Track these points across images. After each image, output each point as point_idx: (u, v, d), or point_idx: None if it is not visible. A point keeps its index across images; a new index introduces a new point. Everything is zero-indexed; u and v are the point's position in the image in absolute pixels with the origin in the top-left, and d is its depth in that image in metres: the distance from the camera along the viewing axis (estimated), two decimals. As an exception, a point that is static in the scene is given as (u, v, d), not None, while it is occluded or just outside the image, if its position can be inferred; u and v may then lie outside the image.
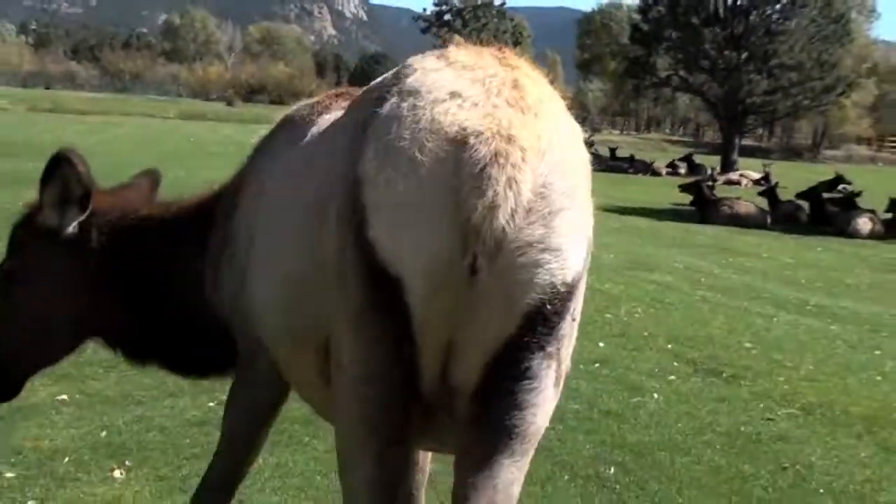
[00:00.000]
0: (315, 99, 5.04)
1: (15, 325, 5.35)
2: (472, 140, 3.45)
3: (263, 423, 5.21)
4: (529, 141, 3.52)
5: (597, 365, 12.83)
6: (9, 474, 7.70)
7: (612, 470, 8.92)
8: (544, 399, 3.85)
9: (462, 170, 3.43)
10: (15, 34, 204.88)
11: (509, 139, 3.48)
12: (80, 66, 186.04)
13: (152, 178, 5.80)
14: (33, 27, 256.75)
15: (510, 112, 3.57)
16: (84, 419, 9.01)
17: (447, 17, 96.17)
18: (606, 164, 62.89)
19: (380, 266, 3.55)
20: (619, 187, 48.32)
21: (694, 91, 79.39)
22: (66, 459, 8.21)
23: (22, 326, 5.36)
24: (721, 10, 72.29)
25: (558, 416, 7.41)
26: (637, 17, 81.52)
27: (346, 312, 3.78)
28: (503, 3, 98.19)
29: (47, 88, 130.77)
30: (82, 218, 5.21)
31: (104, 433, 8.81)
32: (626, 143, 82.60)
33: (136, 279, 5.45)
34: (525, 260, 3.56)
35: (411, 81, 3.72)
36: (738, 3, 72.18)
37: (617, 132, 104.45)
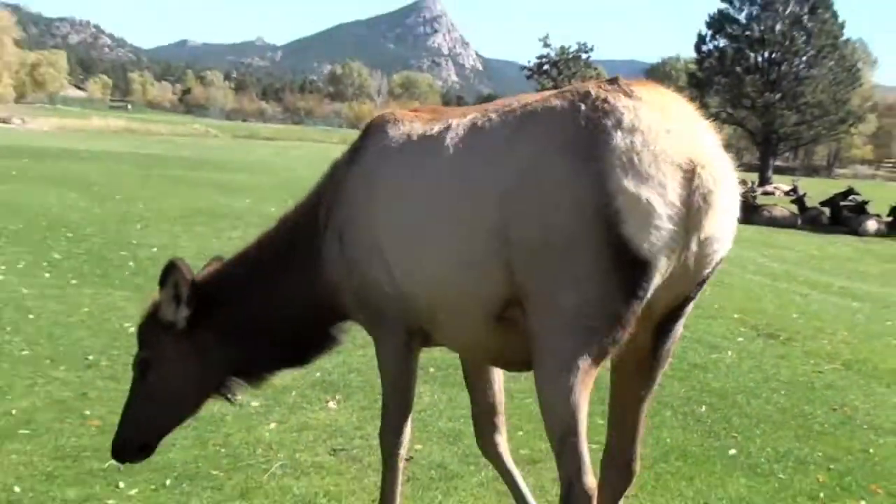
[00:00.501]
0: (414, 125, 4.76)
1: (153, 402, 5.13)
2: (698, 170, 3.74)
3: (408, 365, 4.88)
4: (727, 166, 3.94)
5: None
6: (254, 403, 7.90)
7: (703, 408, 9.00)
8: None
9: (695, 192, 3.73)
10: (221, 80, 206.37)
11: (719, 167, 3.85)
12: (267, 104, 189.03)
13: (220, 258, 5.52)
14: (234, 75, 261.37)
15: (709, 138, 3.97)
16: (304, 365, 8.58)
17: (545, 67, 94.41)
18: None
19: (627, 250, 3.72)
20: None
21: (737, 123, 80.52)
22: (294, 393, 8.43)
23: (159, 403, 5.14)
24: (760, 62, 76.62)
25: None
26: (694, 66, 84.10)
27: (582, 276, 3.82)
28: (588, 57, 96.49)
29: (244, 121, 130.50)
30: (189, 313, 5.01)
31: (318, 374, 8.94)
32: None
33: (245, 323, 5.20)
34: (713, 248, 3.95)
35: (632, 119, 3.82)
36: (773, 56, 75.91)
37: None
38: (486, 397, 5.39)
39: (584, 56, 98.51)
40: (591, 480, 3.98)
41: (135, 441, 5.14)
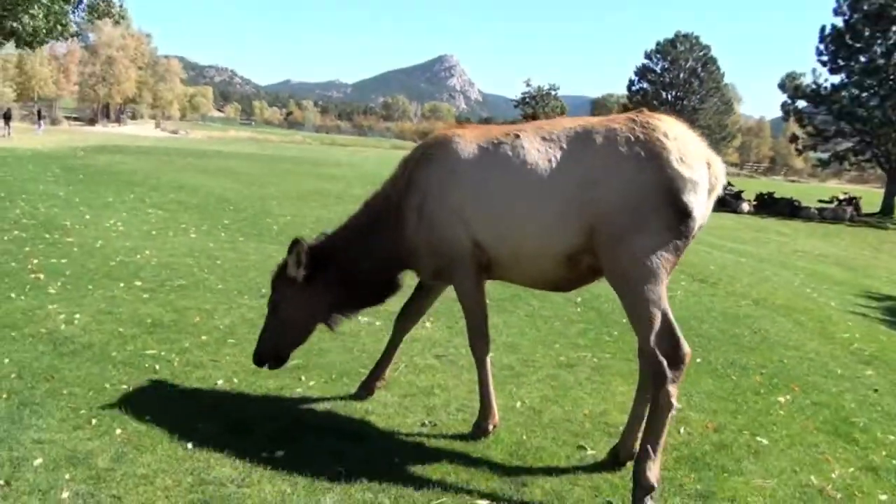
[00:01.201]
0: (475, 137, 4.95)
1: (280, 330, 5.29)
2: (715, 162, 4.47)
3: (481, 293, 5.06)
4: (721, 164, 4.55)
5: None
6: (377, 323, 7.10)
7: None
8: None
9: (711, 176, 4.42)
10: (312, 106, 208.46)
11: (718, 162, 4.50)
12: (342, 123, 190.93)
13: (325, 233, 5.54)
14: (320, 103, 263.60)
15: (707, 146, 4.56)
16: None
17: (527, 99, 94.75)
18: None
19: (685, 210, 4.26)
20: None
21: None
22: None
23: (284, 330, 5.29)
24: (669, 98, 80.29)
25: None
26: (625, 101, 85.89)
27: (655, 228, 4.26)
28: (556, 94, 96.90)
29: (327, 133, 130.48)
30: (306, 272, 5.18)
31: None
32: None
33: (345, 278, 5.27)
34: (710, 211, 4.54)
35: (670, 129, 4.41)
36: (678, 94, 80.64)
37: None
38: (425, 302, 5.73)
39: (553, 93, 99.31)
40: (686, 349, 4.39)
41: (268, 354, 5.32)
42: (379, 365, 5.76)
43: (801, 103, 51.55)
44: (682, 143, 4.37)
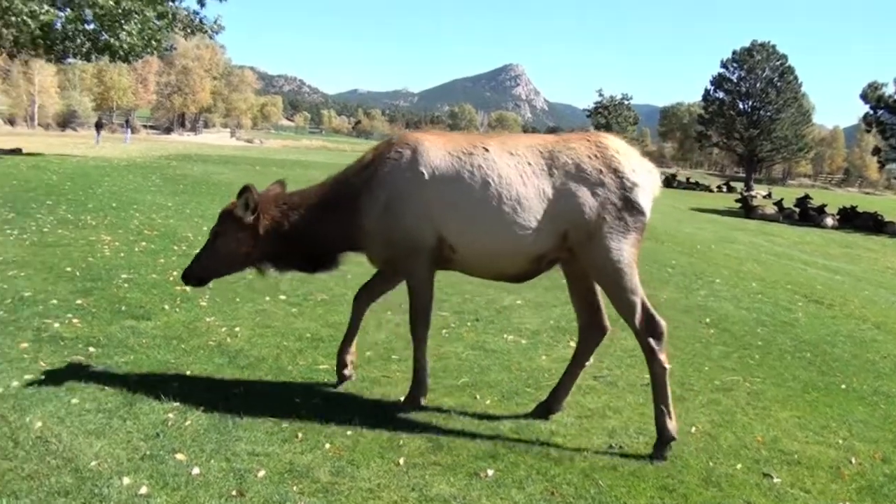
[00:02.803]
0: (443, 143, 5.44)
1: (217, 256, 5.74)
2: (654, 171, 5.41)
3: (431, 284, 5.58)
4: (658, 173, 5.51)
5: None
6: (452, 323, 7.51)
7: (808, 354, 8.60)
8: None
9: (654, 179, 5.34)
10: (380, 115, 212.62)
11: (656, 171, 5.45)
12: (409, 131, 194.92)
13: (282, 182, 6.01)
14: (387, 112, 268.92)
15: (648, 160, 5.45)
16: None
17: (599, 109, 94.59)
18: (683, 185, 69.16)
19: (641, 210, 5.18)
20: (694, 199, 45.95)
21: (730, 149, 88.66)
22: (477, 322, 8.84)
23: (219, 258, 5.74)
24: (745, 108, 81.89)
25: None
26: (700, 111, 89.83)
27: (619, 227, 5.10)
28: (628, 104, 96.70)
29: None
30: (253, 216, 5.57)
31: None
32: (686, 174, 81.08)
33: (288, 234, 5.65)
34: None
35: (619, 146, 5.32)
36: (754, 104, 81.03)
37: (678, 169, 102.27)
38: (384, 287, 6.09)
39: (625, 102, 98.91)
40: (662, 322, 5.27)
41: (194, 275, 5.80)
42: (344, 345, 6.08)
43: (885, 114, 50.59)
44: (631, 157, 5.30)
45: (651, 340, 5.22)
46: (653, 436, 5.39)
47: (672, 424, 5.21)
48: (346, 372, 6.06)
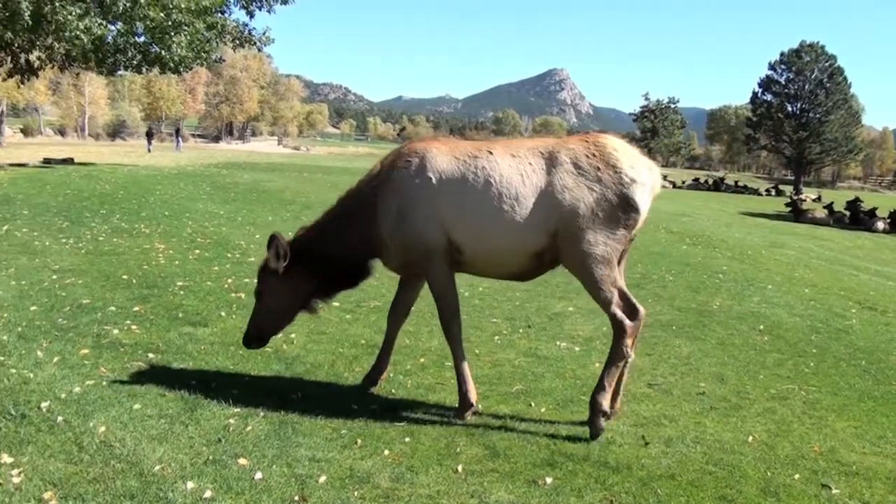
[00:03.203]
0: (450, 149, 5.64)
1: (268, 312, 5.90)
2: (654, 168, 5.53)
3: (452, 283, 5.70)
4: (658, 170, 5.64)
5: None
6: (504, 331, 7.76)
7: (863, 362, 8.39)
8: None
9: (654, 177, 5.50)
10: (424, 122, 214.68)
11: (656, 169, 5.57)
12: (454, 137, 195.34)
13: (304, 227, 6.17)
14: (431, 118, 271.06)
15: (648, 157, 5.60)
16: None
17: (646, 113, 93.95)
18: (731, 189, 67.80)
19: (636, 207, 5.31)
20: (742, 203, 45.40)
21: (778, 152, 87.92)
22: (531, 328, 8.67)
23: (271, 313, 5.90)
24: (794, 110, 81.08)
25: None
26: (749, 113, 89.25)
27: (610, 223, 5.27)
28: (675, 108, 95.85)
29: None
30: (284, 264, 5.76)
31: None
32: (734, 178, 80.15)
33: (318, 261, 5.82)
34: (650, 208, 5.55)
35: (616, 144, 5.48)
36: (803, 106, 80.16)
37: (726, 172, 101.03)
38: (410, 296, 6.19)
39: (672, 106, 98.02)
40: (642, 309, 5.54)
41: (254, 336, 5.91)
42: (380, 359, 6.23)
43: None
44: (630, 155, 5.46)
45: (625, 322, 5.42)
46: (711, 445, 5.40)
47: (607, 399, 5.47)
48: (375, 381, 6.20)
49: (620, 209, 5.29)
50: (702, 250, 17.46)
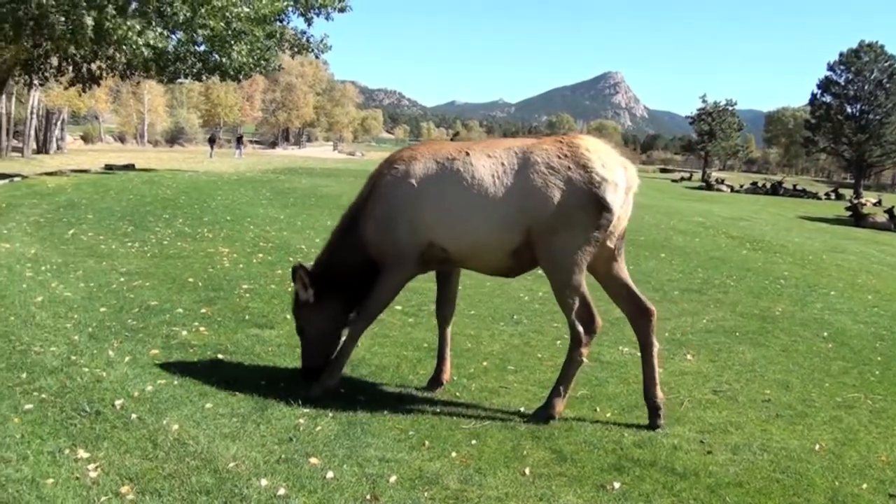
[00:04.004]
0: (432, 155, 5.80)
1: (315, 345, 6.09)
2: (630, 167, 5.57)
3: (399, 288, 5.99)
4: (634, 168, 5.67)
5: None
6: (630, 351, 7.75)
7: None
8: None
9: (629, 176, 5.51)
10: (478, 126, 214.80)
11: (632, 167, 5.60)
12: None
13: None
14: (485, 123, 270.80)
15: (623, 155, 5.65)
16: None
17: (703, 116, 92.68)
18: (790, 193, 65.63)
19: (607, 206, 5.33)
20: (801, 207, 44.70)
21: (838, 154, 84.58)
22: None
23: (317, 347, 6.09)
24: (853, 112, 78.51)
25: None
26: (807, 115, 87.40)
27: (581, 223, 5.33)
28: (732, 110, 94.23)
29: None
30: (312, 292, 5.99)
31: (673, 334, 8.21)
32: (792, 181, 78.35)
33: (345, 278, 6.01)
34: (630, 206, 5.64)
35: (590, 144, 5.54)
36: (863, 108, 77.78)
37: (784, 176, 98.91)
38: (451, 290, 6.38)
39: (730, 108, 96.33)
40: (599, 321, 5.86)
41: (313, 370, 6.03)
42: (440, 360, 6.33)
43: None
44: (603, 153, 5.50)
45: (581, 333, 5.64)
46: (778, 453, 5.35)
47: (559, 406, 5.66)
48: (440, 383, 6.29)
49: (591, 208, 5.35)
50: (762, 255, 17.20)
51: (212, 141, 59.73)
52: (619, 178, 5.44)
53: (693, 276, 12.98)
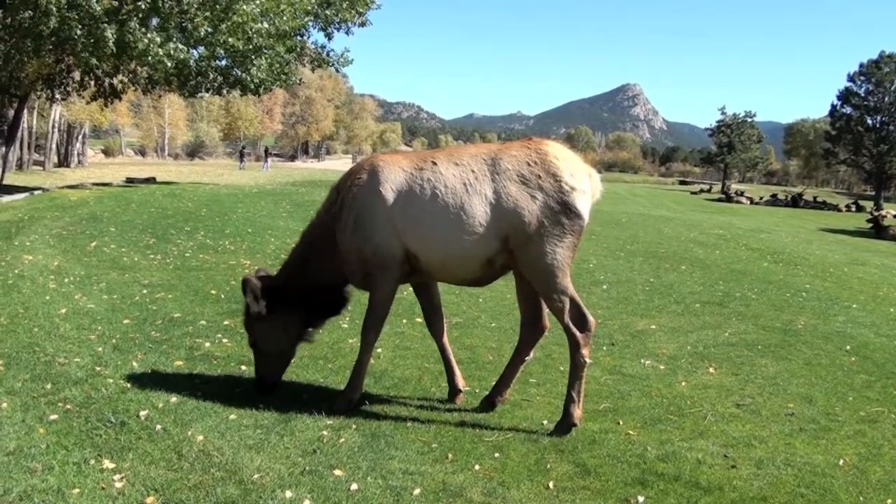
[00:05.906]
0: (401, 163, 5.79)
1: (267, 361, 6.05)
2: (594, 175, 5.70)
3: (392, 296, 5.93)
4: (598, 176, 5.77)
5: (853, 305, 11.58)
6: (661, 367, 8.06)
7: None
8: None
9: (594, 183, 5.64)
10: (496, 140, 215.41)
11: (595, 174, 5.71)
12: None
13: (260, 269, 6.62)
14: (503, 136, 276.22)
15: (587, 164, 5.76)
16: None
17: (722, 128, 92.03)
18: (810, 205, 65.35)
19: (578, 214, 5.45)
20: (822, 219, 44.28)
21: (858, 166, 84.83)
22: (683, 361, 8.77)
23: (271, 360, 6.06)
24: (874, 124, 77.72)
25: None
26: (827, 127, 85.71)
27: (556, 231, 5.40)
28: (751, 122, 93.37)
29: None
30: (264, 304, 5.93)
31: (698, 347, 8.78)
32: (812, 193, 77.73)
33: (301, 296, 6.02)
34: (592, 211, 5.70)
35: (557, 152, 5.60)
36: (883, 119, 77.00)
37: (804, 187, 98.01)
38: (434, 303, 6.33)
39: (749, 120, 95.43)
40: (592, 319, 5.61)
41: (266, 383, 6.02)
42: (449, 373, 6.32)
43: None
44: (570, 162, 5.59)
45: (578, 333, 5.56)
46: (802, 467, 5.30)
47: (577, 412, 5.63)
48: (458, 388, 6.33)
49: (564, 216, 5.44)
50: (783, 268, 17.07)
51: (242, 154, 60.85)
52: (586, 187, 5.55)
53: (714, 289, 12.90)
